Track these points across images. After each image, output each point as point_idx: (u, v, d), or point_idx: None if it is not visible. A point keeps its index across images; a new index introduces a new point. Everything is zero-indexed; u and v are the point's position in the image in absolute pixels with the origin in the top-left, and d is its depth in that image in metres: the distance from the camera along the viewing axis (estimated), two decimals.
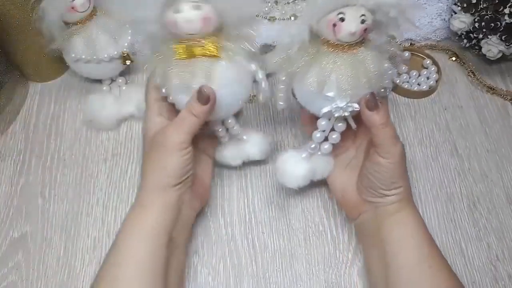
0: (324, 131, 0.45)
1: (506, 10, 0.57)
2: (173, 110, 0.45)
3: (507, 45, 0.58)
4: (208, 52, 0.39)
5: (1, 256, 0.50)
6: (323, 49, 0.40)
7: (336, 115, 0.42)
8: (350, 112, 0.41)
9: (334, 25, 0.38)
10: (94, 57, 0.55)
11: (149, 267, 0.41)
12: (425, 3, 0.65)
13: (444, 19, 0.65)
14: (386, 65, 0.42)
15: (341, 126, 0.45)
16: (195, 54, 0.40)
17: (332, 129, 0.46)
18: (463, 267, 0.49)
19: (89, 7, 0.53)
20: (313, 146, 0.46)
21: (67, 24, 0.53)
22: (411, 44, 0.66)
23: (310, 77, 0.41)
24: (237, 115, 0.48)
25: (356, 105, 0.41)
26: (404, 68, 0.63)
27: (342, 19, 0.38)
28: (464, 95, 0.62)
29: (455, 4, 0.62)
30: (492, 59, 0.61)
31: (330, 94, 0.40)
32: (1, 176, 0.55)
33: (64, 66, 0.63)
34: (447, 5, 0.65)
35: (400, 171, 0.43)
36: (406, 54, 0.64)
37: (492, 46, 0.59)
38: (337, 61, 0.40)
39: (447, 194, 0.54)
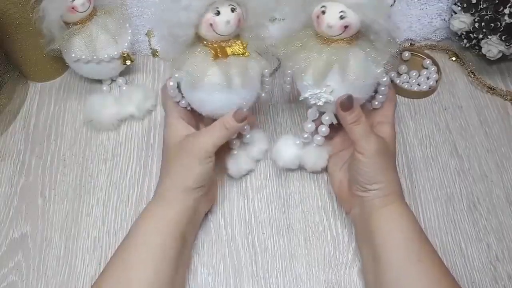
0: (313, 121, 0.49)
1: (506, 10, 0.57)
2: (190, 114, 0.50)
3: (507, 45, 0.58)
4: (237, 51, 0.43)
5: (1, 256, 0.50)
6: (312, 40, 0.44)
7: (312, 101, 0.45)
8: (325, 102, 0.44)
9: (318, 17, 0.41)
10: (94, 57, 0.55)
11: (160, 255, 0.43)
12: (425, 3, 0.65)
13: (444, 19, 0.65)
14: (378, 71, 0.44)
15: (327, 119, 0.48)
16: (227, 54, 0.43)
17: (321, 123, 0.50)
18: (463, 267, 0.49)
19: (89, 7, 0.53)
20: (305, 135, 0.50)
21: (67, 24, 0.53)
22: (411, 44, 0.66)
23: (295, 65, 0.45)
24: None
25: (330, 97, 0.44)
26: (403, 68, 0.63)
27: (323, 12, 0.41)
28: (464, 95, 0.62)
29: (455, 4, 0.62)
30: (492, 59, 0.61)
31: (307, 81, 0.44)
32: (1, 176, 0.55)
33: (64, 66, 0.63)
34: (447, 5, 0.65)
35: (378, 166, 0.45)
36: (407, 54, 0.64)
37: (492, 46, 0.59)
38: (322, 53, 0.43)
39: (447, 195, 0.54)
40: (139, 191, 0.54)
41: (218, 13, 0.40)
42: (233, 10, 0.41)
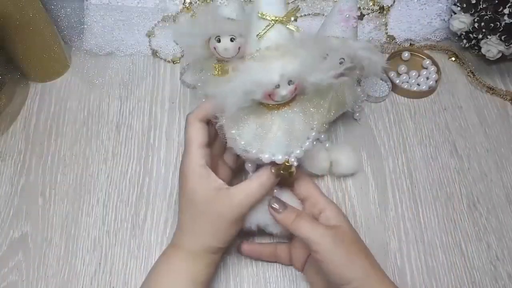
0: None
1: (506, 10, 0.57)
2: (210, 154, 0.45)
3: (507, 45, 0.58)
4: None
5: (2, 256, 0.50)
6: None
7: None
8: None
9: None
10: (254, 151, 0.42)
11: None
12: (424, 4, 0.66)
13: (444, 20, 0.65)
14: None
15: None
16: (227, 72, 0.46)
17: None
18: (463, 267, 0.49)
19: (288, 97, 0.41)
20: None
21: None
22: (410, 44, 0.66)
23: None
24: None
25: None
26: (403, 68, 0.63)
27: (325, 58, 0.42)
28: (464, 95, 0.62)
29: (455, 4, 0.62)
30: (492, 59, 0.61)
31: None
32: (2, 176, 0.55)
33: (65, 66, 0.63)
34: (446, 5, 0.65)
35: (345, 258, 0.40)
36: (406, 54, 0.64)
37: (492, 46, 0.59)
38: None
39: (447, 194, 0.54)
40: (139, 191, 0.54)
41: (219, 41, 0.45)
42: (232, 40, 0.45)
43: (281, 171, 0.42)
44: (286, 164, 0.42)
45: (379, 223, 0.52)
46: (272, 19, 0.39)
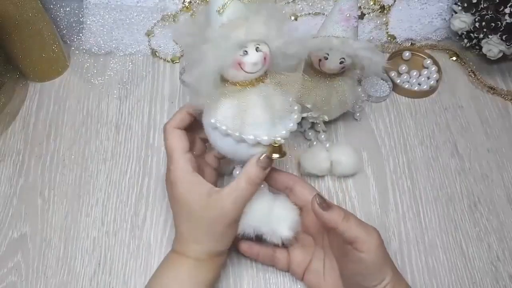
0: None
1: (507, 10, 0.57)
2: (194, 157, 0.44)
3: (508, 45, 0.58)
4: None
5: (1, 256, 0.50)
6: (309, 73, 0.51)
7: (310, 120, 0.55)
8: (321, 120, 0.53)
9: (320, 60, 0.49)
10: (236, 134, 0.40)
11: None
12: (425, 3, 0.65)
13: (445, 19, 0.65)
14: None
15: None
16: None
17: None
18: (464, 267, 0.49)
19: (260, 70, 0.40)
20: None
21: (224, 80, 0.41)
22: (411, 44, 0.66)
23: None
24: None
25: (325, 117, 0.53)
26: (404, 67, 0.63)
27: (326, 58, 0.48)
28: (465, 95, 0.62)
29: (456, 3, 0.62)
30: (493, 59, 0.61)
31: (308, 105, 0.50)
32: (1, 176, 0.55)
33: (64, 66, 0.63)
34: (447, 4, 0.65)
35: (382, 258, 0.40)
36: (407, 54, 0.64)
37: (493, 46, 0.59)
38: (321, 84, 0.50)
39: (448, 194, 0.54)
40: (139, 191, 0.54)
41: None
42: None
43: (273, 154, 0.40)
44: (274, 145, 0.40)
45: (379, 224, 0.51)
46: None
